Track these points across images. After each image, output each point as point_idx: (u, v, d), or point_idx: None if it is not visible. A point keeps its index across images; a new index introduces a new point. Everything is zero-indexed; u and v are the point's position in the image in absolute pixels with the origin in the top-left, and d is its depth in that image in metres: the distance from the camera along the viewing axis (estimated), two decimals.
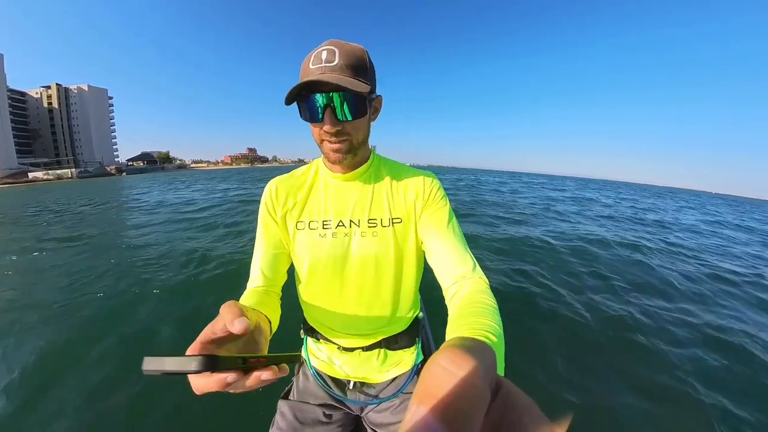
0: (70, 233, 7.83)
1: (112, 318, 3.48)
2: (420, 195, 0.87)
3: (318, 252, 0.86)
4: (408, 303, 0.95)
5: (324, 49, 0.71)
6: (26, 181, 59.86)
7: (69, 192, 23.47)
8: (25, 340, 3.06)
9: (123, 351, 2.87)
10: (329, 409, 1.00)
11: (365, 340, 0.95)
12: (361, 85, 0.69)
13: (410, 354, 1.03)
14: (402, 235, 0.87)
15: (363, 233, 0.85)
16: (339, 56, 0.70)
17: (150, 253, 5.86)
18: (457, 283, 0.73)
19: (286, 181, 0.93)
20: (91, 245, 6.66)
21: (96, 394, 2.36)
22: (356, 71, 0.71)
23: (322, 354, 1.03)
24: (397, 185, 0.89)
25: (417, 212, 0.86)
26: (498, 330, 0.52)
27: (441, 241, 0.81)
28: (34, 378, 2.55)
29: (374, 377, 0.99)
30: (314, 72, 0.70)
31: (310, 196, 0.90)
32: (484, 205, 13.33)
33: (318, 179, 0.92)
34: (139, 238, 7.21)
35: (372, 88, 0.75)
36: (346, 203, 0.87)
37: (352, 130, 0.76)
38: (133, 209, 12.21)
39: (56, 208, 13.21)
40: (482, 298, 0.63)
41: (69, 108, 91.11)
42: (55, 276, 4.85)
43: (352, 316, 0.91)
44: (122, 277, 4.70)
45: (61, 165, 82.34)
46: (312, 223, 0.87)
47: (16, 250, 6.36)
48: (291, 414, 0.98)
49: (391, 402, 0.99)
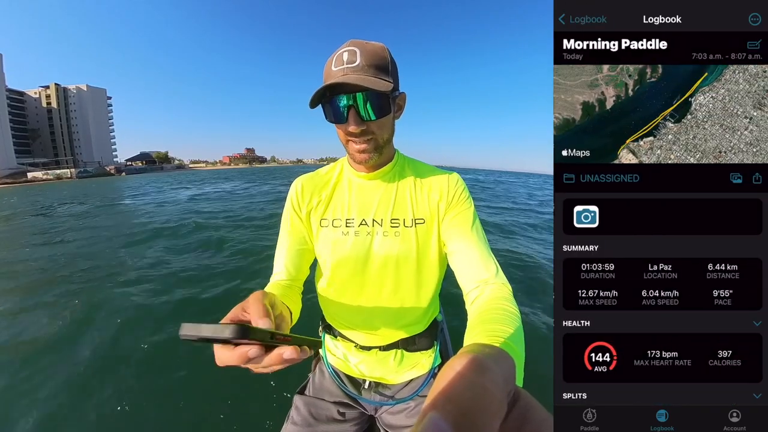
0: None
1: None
2: (444, 196, 0.87)
3: (340, 250, 0.86)
4: (427, 305, 0.95)
5: (345, 50, 0.72)
6: (25, 181, 59.77)
7: (89, 189, 23.53)
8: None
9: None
10: (344, 407, 1.00)
11: (383, 339, 0.95)
12: (384, 84, 0.70)
13: (428, 357, 1.02)
14: (424, 235, 0.86)
15: (385, 233, 0.85)
16: (360, 56, 0.71)
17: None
18: (479, 288, 0.73)
19: (312, 180, 0.94)
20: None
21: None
22: (378, 70, 0.72)
23: (339, 351, 1.03)
24: (420, 185, 0.89)
25: (440, 213, 0.86)
26: (519, 339, 0.52)
27: (464, 244, 0.81)
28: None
29: (390, 378, 0.99)
30: (337, 74, 0.71)
31: (335, 194, 0.91)
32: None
33: (342, 178, 0.93)
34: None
35: (395, 85, 0.76)
36: (370, 202, 0.88)
37: (376, 129, 0.76)
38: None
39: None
40: (504, 305, 0.63)
41: (68, 108, 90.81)
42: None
43: (371, 314, 0.92)
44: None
45: (60, 165, 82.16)
46: (335, 221, 0.88)
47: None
48: (306, 410, 0.98)
49: (406, 404, 0.98)
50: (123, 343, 3.02)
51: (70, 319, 3.47)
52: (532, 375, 0.49)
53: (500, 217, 9.68)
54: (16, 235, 8.05)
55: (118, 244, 6.80)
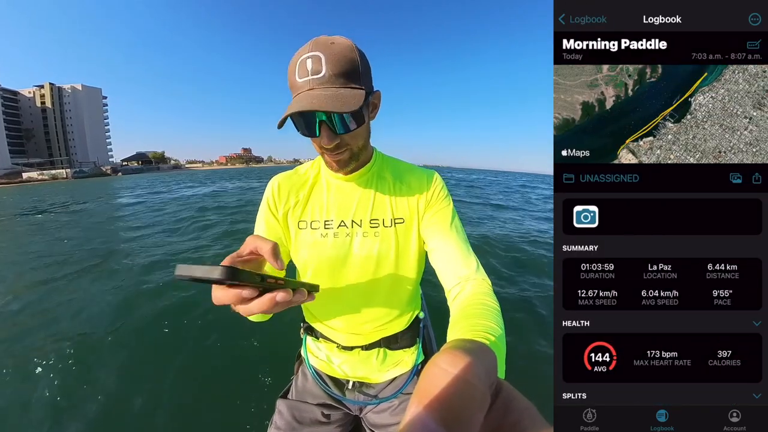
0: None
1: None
2: (423, 194, 0.86)
3: (319, 252, 0.85)
4: (408, 302, 0.95)
5: (308, 56, 0.66)
6: (20, 182, 59.34)
7: (93, 189, 23.49)
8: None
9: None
10: (328, 408, 1.00)
11: (365, 339, 0.95)
12: (355, 98, 0.65)
13: (410, 354, 1.03)
14: (404, 235, 0.86)
15: (365, 233, 0.85)
16: (326, 64, 0.64)
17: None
18: (460, 284, 0.73)
19: (289, 179, 0.92)
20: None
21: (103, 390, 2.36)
22: (347, 78, 0.66)
23: (321, 353, 1.02)
24: (399, 185, 0.89)
25: (420, 212, 0.86)
26: (499, 332, 0.53)
27: (444, 241, 0.81)
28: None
29: (374, 377, 0.99)
30: (302, 87, 0.66)
31: (312, 195, 0.90)
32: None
33: (320, 178, 0.91)
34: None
35: (367, 89, 0.71)
36: (349, 203, 0.87)
37: (351, 140, 0.74)
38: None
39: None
40: (484, 300, 0.64)
41: (63, 108, 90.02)
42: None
43: (352, 314, 0.91)
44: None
45: (54, 165, 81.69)
46: (314, 223, 0.87)
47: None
48: (289, 413, 0.97)
49: (390, 402, 0.98)
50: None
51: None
52: (533, 374, 0.49)
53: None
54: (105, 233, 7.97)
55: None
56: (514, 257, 5.63)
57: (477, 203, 14.07)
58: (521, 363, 2.76)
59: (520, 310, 3.65)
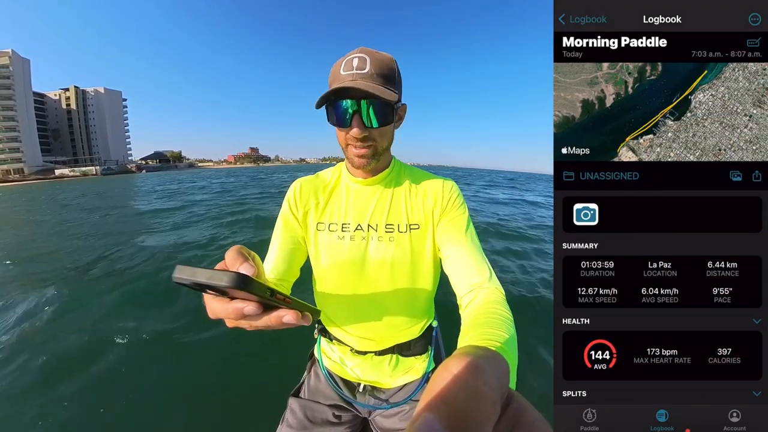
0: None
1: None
2: (438, 202, 0.87)
3: (336, 254, 0.87)
4: (422, 310, 0.96)
5: (356, 56, 0.74)
6: (54, 178, 62.16)
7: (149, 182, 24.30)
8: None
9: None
10: (339, 410, 1.01)
11: (378, 344, 0.95)
12: (390, 94, 0.71)
13: (422, 362, 1.03)
14: (419, 241, 0.87)
15: (380, 238, 0.86)
16: (370, 64, 0.72)
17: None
18: (473, 292, 0.73)
19: (311, 182, 0.95)
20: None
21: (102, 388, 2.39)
22: (386, 80, 0.74)
23: (335, 355, 1.03)
24: (416, 191, 0.90)
25: (435, 219, 0.87)
26: (512, 342, 0.52)
27: (458, 249, 0.81)
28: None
29: (385, 382, 0.99)
30: (345, 78, 0.72)
31: (332, 198, 0.92)
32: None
33: (340, 182, 0.94)
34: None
35: (399, 96, 0.78)
36: (366, 207, 0.88)
37: (378, 137, 0.78)
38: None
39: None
40: (497, 309, 0.63)
41: (86, 109, 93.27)
42: None
43: (366, 319, 0.92)
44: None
45: (78, 163, 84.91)
46: (332, 225, 0.89)
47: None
48: (301, 412, 0.99)
49: (400, 408, 0.98)
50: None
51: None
52: (532, 373, 0.48)
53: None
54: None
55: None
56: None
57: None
58: (521, 363, 2.70)
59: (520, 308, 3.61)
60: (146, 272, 4.76)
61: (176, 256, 5.63)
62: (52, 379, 2.53)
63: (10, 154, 69.51)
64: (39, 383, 2.49)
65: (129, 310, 3.58)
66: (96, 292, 4.05)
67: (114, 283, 4.32)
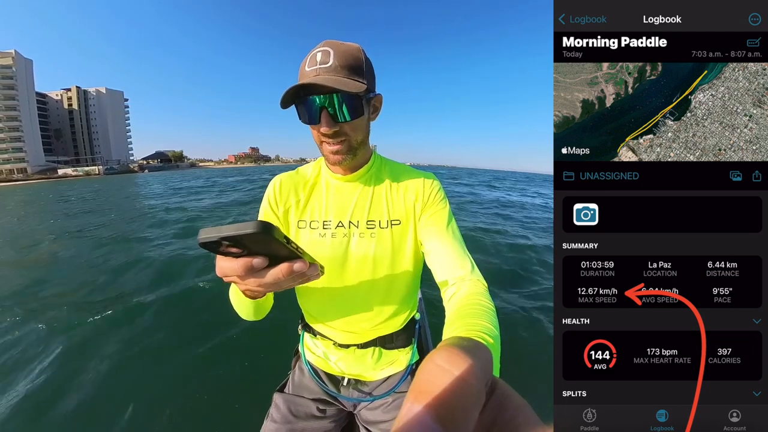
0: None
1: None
2: (420, 197, 0.88)
3: (318, 251, 0.87)
4: (404, 303, 0.96)
5: (319, 50, 0.72)
6: (57, 177, 62.58)
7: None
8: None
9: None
10: (323, 404, 1.02)
11: (361, 337, 0.96)
12: (356, 85, 0.70)
13: (405, 354, 1.04)
14: (400, 236, 0.88)
15: (362, 234, 0.86)
16: (334, 57, 0.71)
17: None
18: (456, 285, 0.74)
19: (291, 179, 0.94)
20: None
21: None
22: (352, 71, 0.72)
23: (318, 350, 1.04)
24: (397, 187, 0.90)
25: (416, 214, 0.87)
26: (494, 332, 0.54)
27: (440, 243, 0.82)
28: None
29: (368, 375, 1.00)
30: (309, 74, 0.71)
31: (312, 195, 0.92)
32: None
33: (320, 179, 0.93)
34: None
35: (369, 86, 0.76)
36: (347, 204, 0.89)
37: (350, 131, 0.77)
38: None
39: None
40: (480, 300, 0.64)
41: (88, 109, 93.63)
42: None
43: (349, 313, 0.93)
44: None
45: (80, 163, 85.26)
46: (313, 223, 0.89)
47: None
48: (285, 407, 0.99)
49: (383, 400, 1.00)
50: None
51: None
52: (533, 374, 0.49)
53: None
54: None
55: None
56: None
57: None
58: (521, 361, 2.72)
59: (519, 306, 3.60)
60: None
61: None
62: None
63: (14, 154, 70.08)
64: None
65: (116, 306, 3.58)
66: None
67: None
